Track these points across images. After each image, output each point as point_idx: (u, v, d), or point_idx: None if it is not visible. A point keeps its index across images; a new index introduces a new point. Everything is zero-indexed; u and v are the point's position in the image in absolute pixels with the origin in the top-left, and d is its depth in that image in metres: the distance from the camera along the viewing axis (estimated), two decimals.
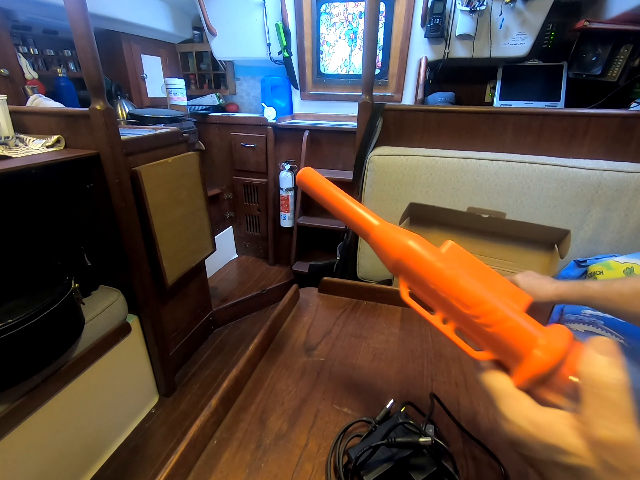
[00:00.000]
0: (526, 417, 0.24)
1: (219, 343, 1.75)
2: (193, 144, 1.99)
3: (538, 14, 1.46)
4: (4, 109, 1.01)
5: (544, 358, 0.25)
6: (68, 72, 1.77)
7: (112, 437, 1.23)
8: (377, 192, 1.17)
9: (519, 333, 0.27)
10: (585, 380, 0.22)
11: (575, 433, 0.22)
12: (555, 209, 1.01)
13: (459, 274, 0.30)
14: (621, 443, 0.20)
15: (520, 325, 0.27)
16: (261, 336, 0.49)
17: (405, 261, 0.32)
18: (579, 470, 0.21)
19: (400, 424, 0.35)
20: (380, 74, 1.92)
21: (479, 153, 1.08)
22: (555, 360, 0.24)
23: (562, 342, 0.25)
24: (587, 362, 0.22)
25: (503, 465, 0.34)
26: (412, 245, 0.32)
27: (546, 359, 0.24)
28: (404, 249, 0.32)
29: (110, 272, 1.23)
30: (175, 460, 0.32)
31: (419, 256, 0.31)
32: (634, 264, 0.88)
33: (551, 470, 0.23)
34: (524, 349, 0.26)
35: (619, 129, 1.00)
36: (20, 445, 0.90)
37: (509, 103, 1.64)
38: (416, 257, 0.31)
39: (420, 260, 0.31)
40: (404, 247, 0.32)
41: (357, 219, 0.36)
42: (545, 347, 0.25)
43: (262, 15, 1.88)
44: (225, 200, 2.33)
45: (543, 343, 0.25)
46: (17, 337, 0.80)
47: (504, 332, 0.27)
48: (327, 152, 2.05)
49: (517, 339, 0.26)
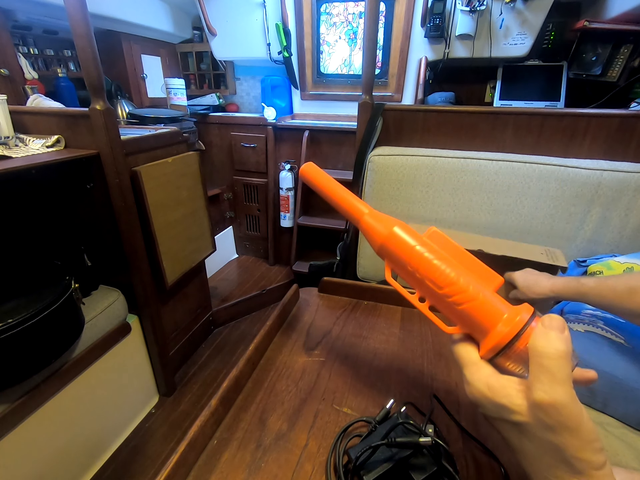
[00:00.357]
0: (484, 381, 0.28)
1: (218, 343, 1.75)
2: (193, 144, 1.99)
3: (538, 13, 1.46)
4: (4, 109, 1.01)
5: (504, 331, 0.28)
6: (68, 72, 1.77)
7: (112, 437, 1.23)
8: (377, 192, 1.17)
9: (485, 311, 0.30)
10: (531, 350, 0.25)
11: (521, 395, 0.26)
12: (555, 209, 1.01)
13: (435, 258, 0.33)
14: (552, 404, 0.24)
15: (487, 304, 0.30)
16: (261, 336, 0.49)
17: (388, 245, 0.35)
18: (521, 426, 0.26)
19: (400, 424, 0.35)
20: (380, 74, 1.92)
21: (479, 153, 1.08)
22: (512, 334, 0.28)
23: (521, 318, 0.28)
24: (536, 335, 0.26)
25: (503, 465, 0.34)
26: (395, 231, 0.35)
27: (505, 332, 0.28)
28: (387, 234, 0.36)
29: (110, 272, 1.23)
30: (175, 460, 0.32)
31: (400, 241, 0.35)
32: (634, 264, 0.88)
33: (503, 426, 0.28)
34: (489, 324, 0.30)
35: (619, 129, 1.00)
36: (20, 445, 0.90)
37: (509, 103, 1.64)
38: (397, 241, 0.35)
39: (401, 244, 0.35)
40: (388, 232, 0.36)
41: (349, 208, 0.40)
42: (506, 322, 0.29)
43: (262, 15, 1.88)
44: (225, 200, 2.33)
45: (506, 319, 0.29)
46: (17, 337, 0.80)
47: (472, 310, 0.31)
48: (327, 152, 2.05)
49: (483, 316, 0.30)
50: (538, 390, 0.24)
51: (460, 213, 1.11)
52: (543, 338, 0.25)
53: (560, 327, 0.25)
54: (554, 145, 1.06)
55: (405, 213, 1.15)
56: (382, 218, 0.38)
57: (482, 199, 1.07)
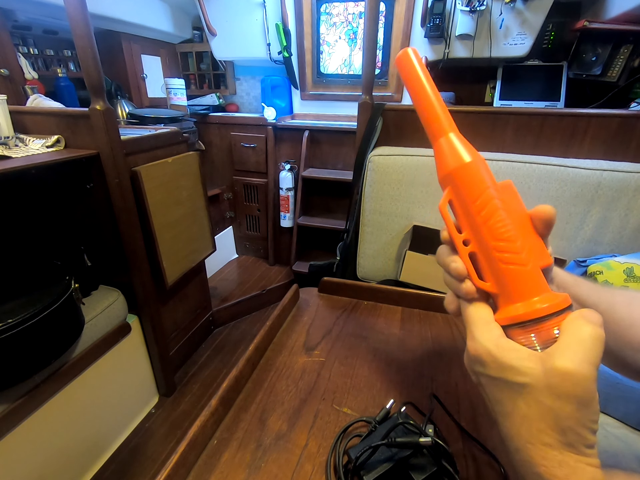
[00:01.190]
0: (494, 340, 0.27)
1: (218, 343, 1.75)
2: (193, 144, 1.99)
3: (538, 14, 1.46)
4: (4, 109, 1.01)
5: (541, 306, 0.27)
6: (68, 72, 1.77)
7: (112, 437, 1.23)
8: (377, 192, 1.17)
9: (528, 280, 0.29)
10: (569, 326, 0.25)
11: (534, 359, 0.25)
12: (556, 209, 1.01)
13: (503, 208, 0.31)
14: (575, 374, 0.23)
15: (533, 274, 0.29)
16: (261, 336, 0.49)
17: (461, 175, 0.32)
18: (523, 388, 0.25)
19: (400, 424, 0.35)
20: (380, 74, 1.92)
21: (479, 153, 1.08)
22: (550, 310, 0.27)
23: (563, 301, 0.28)
24: (576, 317, 0.26)
25: (503, 465, 0.34)
26: (474, 164, 0.33)
27: (543, 307, 0.27)
28: (465, 164, 0.33)
29: (110, 272, 1.23)
30: (175, 460, 0.32)
31: (478, 176, 0.32)
32: (634, 264, 0.88)
33: (497, 386, 0.27)
34: (526, 294, 0.29)
35: (619, 129, 1.00)
36: (20, 445, 0.90)
37: (509, 103, 1.64)
38: (475, 175, 0.32)
39: (477, 179, 0.32)
40: (469, 162, 0.33)
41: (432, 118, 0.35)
42: (545, 299, 0.28)
43: (262, 15, 1.88)
44: (225, 200, 2.33)
45: (546, 296, 0.28)
46: (17, 337, 0.80)
47: (516, 273, 0.29)
48: (327, 152, 2.05)
49: (524, 284, 0.29)
50: (565, 358, 0.24)
51: None
52: (585, 321, 0.25)
53: (601, 322, 0.25)
54: (554, 145, 1.06)
55: (405, 213, 1.15)
56: (465, 145, 0.34)
57: None
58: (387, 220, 1.18)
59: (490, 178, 0.32)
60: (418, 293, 0.63)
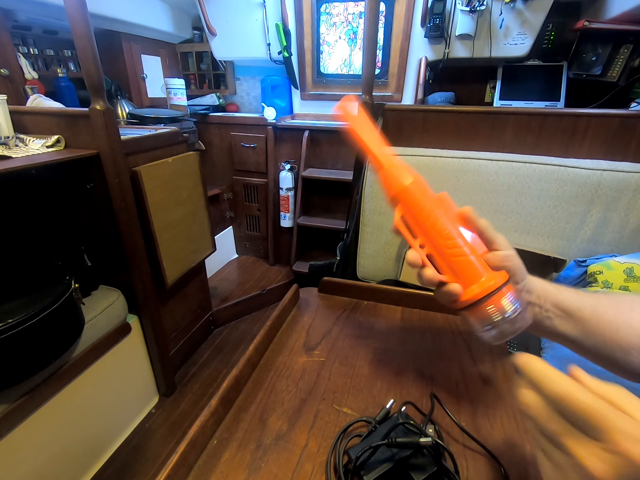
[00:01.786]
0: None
1: (219, 343, 1.75)
2: (193, 144, 1.99)
3: (538, 14, 1.46)
4: (4, 109, 1.01)
5: (490, 283, 0.35)
6: (68, 72, 1.77)
7: (112, 437, 1.23)
8: (377, 192, 1.17)
9: (475, 265, 0.37)
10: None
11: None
12: (555, 209, 1.01)
13: (445, 215, 0.39)
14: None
15: (478, 261, 0.37)
16: (261, 336, 0.49)
17: (406, 194, 0.40)
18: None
19: (401, 424, 0.35)
20: (380, 74, 1.92)
21: (479, 153, 1.08)
22: (498, 285, 0.35)
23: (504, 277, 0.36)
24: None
25: (503, 465, 0.34)
26: (414, 184, 0.40)
27: (492, 284, 0.35)
28: (409, 185, 0.40)
29: (110, 272, 1.23)
30: (175, 460, 0.32)
31: (419, 194, 0.39)
32: (634, 264, 0.88)
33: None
34: (476, 277, 0.36)
35: (619, 129, 1.00)
36: (20, 445, 0.90)
37: (509, 103, 1.64)
38: (416, 193, 0.39)
39: (419, 196, 0.39)
40: (410, 184, 0.40)
41: (375, 155, 0.43)
42: (491, 277, 0.36)
43: (262, 15, 1.88)
44: (225, 200, 2.33)
45: (490, 276, 0.36)
46: (17, 337, 0.80)
47: (465, 262, 0.37)
48: (327, 152, 2.05)
49: (473, 269, 0.37)
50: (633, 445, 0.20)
51: None
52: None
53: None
54: (554, 145, 1.06)
55: None
56: (405, 168, 0.41)
57: (482, 199, 1.07)
58: (387, 220, 1.18)
59: (429, 192, 0.40)
60: (418, 293, 0.63)
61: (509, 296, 0.36)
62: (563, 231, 1.02)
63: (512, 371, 0.47)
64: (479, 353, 0.49)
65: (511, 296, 0.36)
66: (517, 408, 0.39)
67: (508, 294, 0.36)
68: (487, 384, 0.44)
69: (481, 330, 0.37)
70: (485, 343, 0.38)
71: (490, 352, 0.50)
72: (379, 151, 0.43)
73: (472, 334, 0.45)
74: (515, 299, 0.36)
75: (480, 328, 0.37)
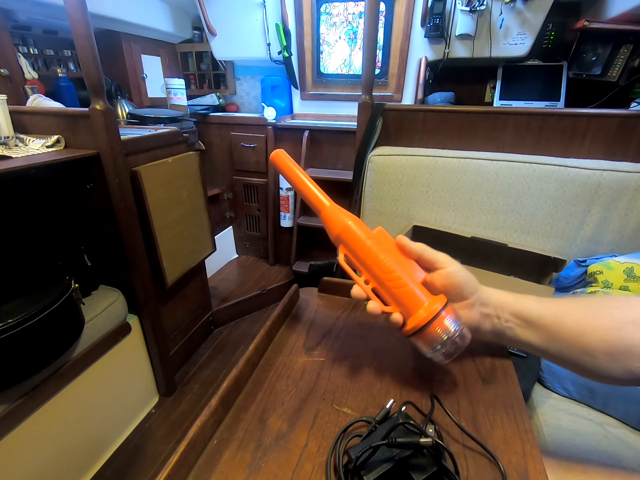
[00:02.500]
0: None
1: (219, 343, 1.75)
2: (193, 144, 1.99)
3: (538, 13, 1.46)
4: (4, 109, 1.01)
5: (433, 307, 0.39)
6: (68, 72, 1.77)
7: (112, 437, 1.23)
8: (377, 192, 1.17)
9: (416, 293, 0.40)
10: None
11: None
12: (555, 208, 1.01)
13: (381, 250, 0.42)
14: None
15: (415, 292, 0.40)
16: (261, 336, 0.49)
17: (345, 235, 0.43)
18: None
19: (401, 424, 0.35)
20: (380, 74, 1.92)
21: (479, 153, 1.08)
22: (440, 308, 0.39)
23: (443, 300, 0.39)
24: None
25: (503, 465, 0.34)
26: (353, 225, 0.43)
27: (434, 308, 0.39)
28: (345, 226, 0.43)
29: (110, 272, 1.23)
30: (175, 460, 0.32)
31: (356, 233, 0.43)
32: (634, 264, 0.88)
33: None
34: (419, 303, 0.39)
35: (618, 128, 1.00)
36: (20, 445, 0.90)
37: (509, 103, 1.64)
38: (354, 233, 0.43)
39: (356, 236, 0.43)
40: (345, 225, 0.43)
41: (313, 198, 0.46)
42: (433, 302, 0.39)
43: (262, 15, 1.88)
44: (225, 200, 2.33)
45: (432, 300, 0.39)
46: (17, 337, 0.80)
47: (407, 292, 0.40)
48: (327, 152, 2.05)
49: (415, 297, 0.40)
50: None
51: (460, 213, 1.11)
52: None
53: None
54: (554, 145, 1.06)
55: (405, 213, 1.15)
56: (341, 212, 0.44)
57: (482, 199, 1.07)
58: (387, 220, 1.18)
59: (366, 230, 0.43)
60: None
61: (449, 318, 0.39)
62: (563, 231, 1.02)
63: (512, 371, 0.47)
64: (479, 353, 0.49)
65: (451, 317, 0.39)
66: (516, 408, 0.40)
67: (448, 316, 0.39)
68: (487, 384, 0.44)
69: (430, 353, 0.40)
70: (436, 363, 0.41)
71: (490, 352, 0.50)
72: (319, 196, 0.46)
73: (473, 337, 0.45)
74: (456, 319, 0.40)
75: (428, 350, 0.40)
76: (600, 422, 0.75)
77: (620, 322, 0.37)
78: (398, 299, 0.40)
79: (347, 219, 0.43)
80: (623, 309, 0.38)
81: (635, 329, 0.36)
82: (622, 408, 0.75)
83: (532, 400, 0.83)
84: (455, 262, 0.43)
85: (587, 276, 0.94)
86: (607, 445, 0.69)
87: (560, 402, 0.81)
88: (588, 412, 0.78)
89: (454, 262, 0.42)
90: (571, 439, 0.71)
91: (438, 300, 0.39)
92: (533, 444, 0.36)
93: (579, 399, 0.81)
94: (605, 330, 0.38)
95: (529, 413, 0.78)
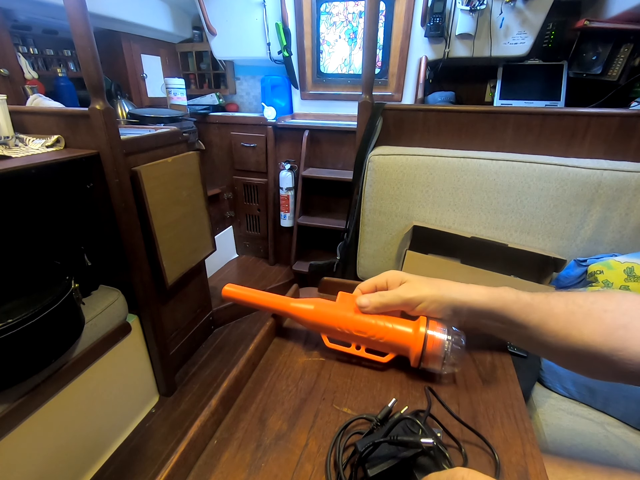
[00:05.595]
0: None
1: (219, 343, 1.75)
2: (193, 143, 1.99)
3: (538, 13, 1.46)
4: (4, 109, 1.01)
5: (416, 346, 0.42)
6: (68, 72, 1.77)
7: (112, 437, 1.23)
8: (377, 192, 1.17)
9: (399, 335, 0.43)
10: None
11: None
12: (556, 208, 1.01)
13: (351, 314, 0.46)
14: None
15: (397, 330, 0.44)
16: (261, 336, 0.49)
17: (318, 320, 0.47)
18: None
19: (402, 419, 0.35)
20: (380, 73, 1.92)
21: (479, 152, 1.08)
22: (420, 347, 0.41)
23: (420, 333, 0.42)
24: None
25: (503, 465, 0.34)
26: (318, 309, 0.47)
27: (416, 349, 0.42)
28: (314, 312, 0.47)
29: (110, 272, 1.23)
30: (175, 460, 0.32)
31: (324, 314, 0.47)
32: (634, 264, 0.87)
33: None
34: (408, 343, 0.43)
35: (619, 128, 1.00)
36: (20, 445, 0.90)
37: (509, 102, 1.64)
38: (323, 313, 0.47)
39: (326, 313, 0.47)
40: (314, 311, 0.47)
41: (277, 306, 0.50)
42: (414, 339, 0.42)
43: (262, 15, 1.88)
44: (225, 200, 2.33)
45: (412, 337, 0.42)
46: (17, 337, 0.80)
47: (392, 338, 0.44)
48: (327, 151, 2.05)
49: (399, 339, 0.43)
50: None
51: (460, 212, 1.11)
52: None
53: None
54: (554, 144, 1.06)
55: (405, 213, 1.15)
56: (305, 303, 0.48)
57: (482, 199, 1.07)
58: (387, 219, 1.18)
59: (331, 305, 0.48)
60: None
61: (436, 332, 0.41)
62: (563, 231, 1.02)
63: (512, 371, 0.47)
64: (479, 353, 0.49)
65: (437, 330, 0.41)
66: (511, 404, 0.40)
67: (434, 331, 0.41)
68: (487, 383, 0.44)
69: (443, 369, 0.42)
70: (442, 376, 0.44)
71: (490, 352, 0.50)
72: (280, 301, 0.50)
73: (472, 332, 0.45)
74: (442, 328, 0.42)
75: (440, 368, 0.42)
76: (601, 421, 0.75)
77: (611, 328, 0.37)
78: (388, 345, 0.44)
79: (310, 305, 0.48)
80: (615, 313, 0.38)
81: (627, 333, 0.36)
82: (622, 408, 0.75)
83: (532, 400, 0.83)
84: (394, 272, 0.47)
85: (588, 276, 0.94)
86: (607, 444, 0.69)
87: (561, 401, 0.81)
88: (588, 412, 0.78)
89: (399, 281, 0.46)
90: (571, 439, 0.71)
91: (421, 322, 0.42)
92: (533, 443, 0.36)
93: (579, 398, 0.81)
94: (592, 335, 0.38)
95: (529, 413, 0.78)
